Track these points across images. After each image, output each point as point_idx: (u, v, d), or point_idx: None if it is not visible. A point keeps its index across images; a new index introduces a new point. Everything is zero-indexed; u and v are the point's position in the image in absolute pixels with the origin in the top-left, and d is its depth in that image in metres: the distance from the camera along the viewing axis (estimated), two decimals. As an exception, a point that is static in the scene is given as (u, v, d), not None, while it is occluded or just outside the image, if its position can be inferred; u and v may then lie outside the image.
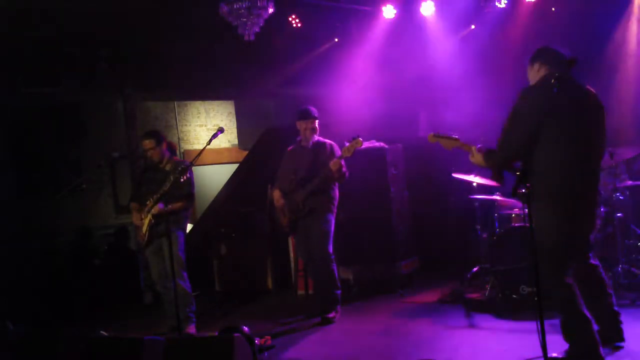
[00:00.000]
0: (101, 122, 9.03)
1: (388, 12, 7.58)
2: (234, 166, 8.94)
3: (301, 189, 5.90)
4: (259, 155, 8.17)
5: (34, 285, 7.22)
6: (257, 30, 6.26)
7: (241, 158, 9.12)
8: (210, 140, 5.18)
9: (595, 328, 3.88)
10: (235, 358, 3.94)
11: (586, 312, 3.85)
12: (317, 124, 6.00)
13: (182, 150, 10.33)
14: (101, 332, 4.93)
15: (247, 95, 9.88)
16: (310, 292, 6.96)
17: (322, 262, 5.90)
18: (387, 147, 6.98)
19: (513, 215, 6.06)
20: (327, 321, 5.78)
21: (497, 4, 7.15)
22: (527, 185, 3.40)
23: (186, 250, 5.83)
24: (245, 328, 4.69)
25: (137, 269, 7.69)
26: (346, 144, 5.64)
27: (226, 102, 10.89)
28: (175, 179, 5.18)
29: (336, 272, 5.98)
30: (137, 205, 5.86)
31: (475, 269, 6.50)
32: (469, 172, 6.22)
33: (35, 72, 7.44)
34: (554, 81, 3.55)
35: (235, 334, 4.18)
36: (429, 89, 8.36)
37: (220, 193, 8.39)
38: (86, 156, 8.76)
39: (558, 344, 3.96)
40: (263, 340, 5.05)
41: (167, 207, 5.57)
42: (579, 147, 3.89)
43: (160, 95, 9.53)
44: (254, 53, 7.82)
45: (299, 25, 7.55)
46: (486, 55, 7.92)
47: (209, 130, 10.62)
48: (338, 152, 5.89)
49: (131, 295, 7.57)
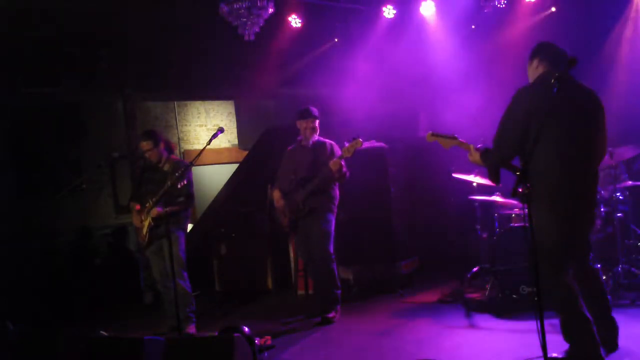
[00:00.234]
0: (101, 122, 9.03)
1: (388, 12, 7.60)
2: (234, 166, 8.94)
3: (301, 189, 5.90)
4: (259, 155, 8.17)
5: (34, 285, 7.23)
6: (257, 30, 6.27)
7: (241, 158, 9.13)
8: (210, 140, 5.19)
9: (595, 328, 3.87)
10: (235, 358, 3.94)
11: (586, 312, 3.84)
12: (317, 124, 6.00)
13: (182, 150, 10.33)
14: (101, 332, 4.93)
15: (247, 95, 9.87)
16: (310, 292, 6.95)
17: (322, 262, 5.90)
18: (387, 147, 6.99)
19: (513, 215, 6.06)
20: (327, 321, 5.78)
21: (497, 4, 7.15)
22: (527, 185, 3.40)
23: (186, 250, 5.84)
24: (245, 328, 4.69)
25: (137, 269, 7.71)
26: (346, 144, 5.63)
27: (226, 102, 10.89)
28: (172, 185, 5.20)
29: (336, 272, 5.98)
30: (137, 205, 5.86)
31: (475, 269, 6.50)
32: (469, 172, 6.22)
33: (35, 72, 7.45)
34: (554, 81, 3.55)
35: (235, 334, 4.18)
36: (429, 89, 8.35)
37: (220, 193, 8.39)
38: (86, 156, 8.75)
39: (558, 344, 3.96)
40: (263, 340, 5.05)
41: (166, 209, 5.57)
42: (579, 147, 3.89)
43: (160, 95, 9.53)
44: (254, 53, 7.82)
45: (299, 25, 7.55)
46: (486, 55, 7.92)
47: (209, 130, 10.62)
48: (338, 152, 5.89)
49: (131, 295, 7.58)
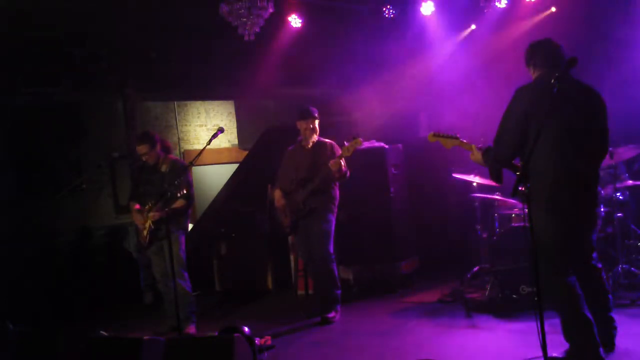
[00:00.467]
0: (101, 122, 9.01)
1: (388, 12, 7.59)
2: (234, 166, 8.94)
3: (301, 189, 5.90)
4: (259, 155, 8.17)
5: (34, 285, 7.22)
6: (257, 30, 6.27)
7: (241, 158, 9.12)
8: (210, 140, 5.20)
9: (595, 328, 3.87)
10: (235, 358, 3.95)
11: (587, 313, 3.84)
12: (318, 124, 6.00)
13: (182, 150, 10.32)
14: (101, 332, 4.92)
15: (247, 95, 9.86)
16: (310, 292, 6.96)
17: (322, 262, 5.90)
18: (387, 147, 6.99)
19: (513, 215, 6.06)
20: (327, 321, 5.78)
21: (497, 4, 7.15)
22: (527, 185, 3.40)
23: (186, 250, 5.84)
24: (245, 328, 4.69)
25: (137, 269, 7.70)
26: (346, 144, 5.64)
27: (226, 102, 10.87)
28: (172, 195, 5.31)
29: (336, 272, 5.98)
30: (137, 205, 5.86)
31: (475, 269, 6.50)
32: (469, 172, 6.23)
33: (35, 72, 7.43)
34: (554, 81, 3.55)
35: (235, 334, 4.18)
36: (429, 89, 8.35)
37: (220, 193, 8.38)
38: (86, 156, 8.73)
39: (558, 344, 3.96)
40: (263, 340, 5.05)
41: (166, 210, 5.57)
42: (579, 147, 3.89)
43: (160, 95, 9.51)
44: (254, 53, 7.81)
45: (299, 25, 7.55)
46: (486, 55, 7.91)
47: (209, 130, 10.62)
48: (338, 152, 5.88)
49: (131, 295, 7.57)
